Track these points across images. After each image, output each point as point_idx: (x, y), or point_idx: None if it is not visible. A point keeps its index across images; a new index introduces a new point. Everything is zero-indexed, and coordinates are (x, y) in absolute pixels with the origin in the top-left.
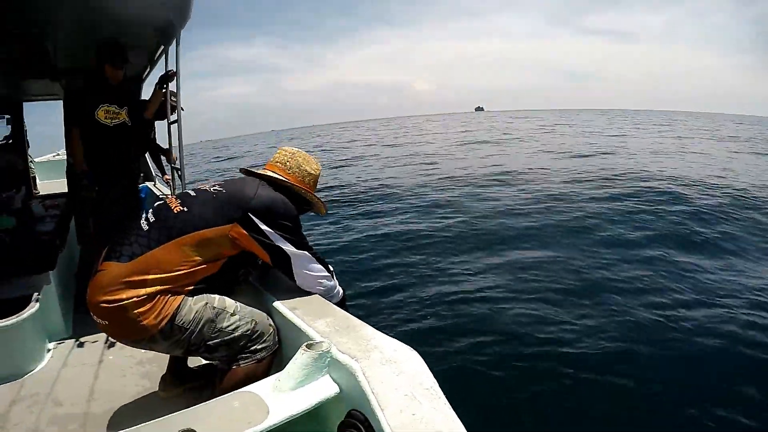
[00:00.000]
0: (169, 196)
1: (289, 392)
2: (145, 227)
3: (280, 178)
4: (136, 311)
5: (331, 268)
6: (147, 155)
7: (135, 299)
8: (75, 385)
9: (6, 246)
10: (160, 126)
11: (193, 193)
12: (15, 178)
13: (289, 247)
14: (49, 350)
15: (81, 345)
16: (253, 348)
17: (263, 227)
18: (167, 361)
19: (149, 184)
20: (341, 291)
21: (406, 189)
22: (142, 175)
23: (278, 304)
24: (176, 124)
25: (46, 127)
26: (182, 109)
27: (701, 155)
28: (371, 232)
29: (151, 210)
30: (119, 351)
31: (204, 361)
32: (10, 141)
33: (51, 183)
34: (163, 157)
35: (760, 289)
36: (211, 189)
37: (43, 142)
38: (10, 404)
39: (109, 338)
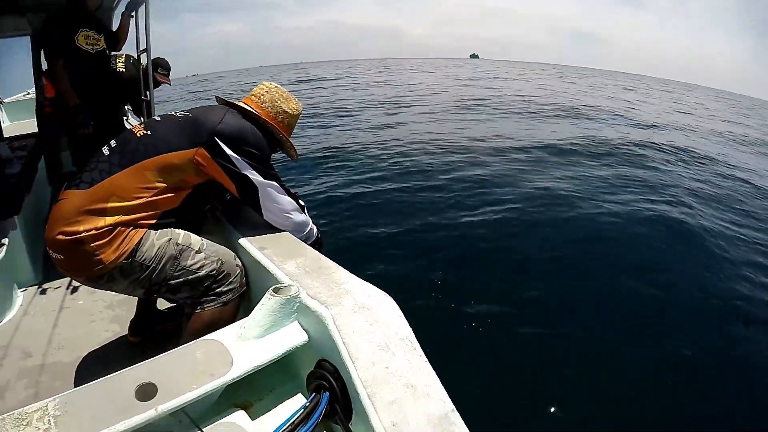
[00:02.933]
0: (135, 124)
1: (254, 340)
2: (107, 152)
3: (251, 109)
4: (93, 244)
5: (303, 203)
6: None
7: (93, 231)
8: (44, 334)
9: None
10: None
11: (158, 118)
12: None
13: (255, 176)
14: (18, 298)
15: (51, 291)
16: (218, 290)
17: (229, 152)
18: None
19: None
20: (316, 230)
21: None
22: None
23: (245, 242)
24: (145, 52)
25: (15, 65)
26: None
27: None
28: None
29: (115, 138)
30: (88, 295)
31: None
32: None
33: (21, 124)
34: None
35: None
36: (178, 114)
37: (12, 81)
38: None
39: (76, 282)
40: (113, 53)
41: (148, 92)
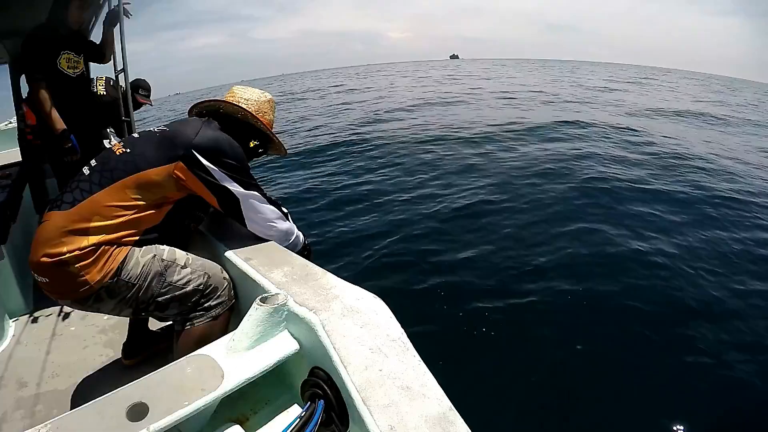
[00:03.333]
0: (114, 143)
1: (244, 352)
2: (87, 172)
3: (242, 107)
4: (77, 265)
5: (285, 210)
6: None
7: (77, 252)
8: (38, 362)
9: None
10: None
11: (137, 135)
12: None
13: (236, 187)
14: (10, 328)
15: (43, 319)
16: (207, 304)
17: (207, 164)
18: None
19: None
20: (302, 237)
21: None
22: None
23: (231, 255)
24: (123, 73)
25: None
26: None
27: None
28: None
29: (95, 157)
30: (80, 321)
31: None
32: None
33: (4, 154)
34: None
35: None
36: (156, 130)
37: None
38: None
39: (68, 309)
40: (93, 76)
41: (128, 113)
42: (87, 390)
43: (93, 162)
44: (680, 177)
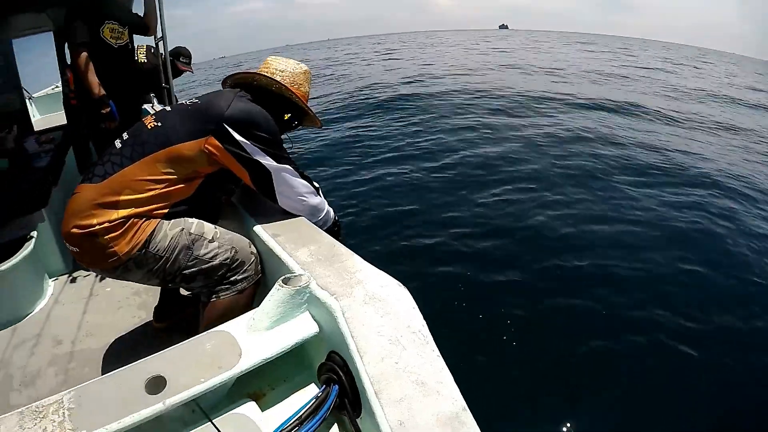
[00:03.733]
0: (148, 116)
1: (264, 332)
2: (119, 145)
3: (276, 81)
4: (106, 237)
5: (317, 185)
6: None
7: (107, 224)
8: (74, 321)
9: None
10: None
11: (169, 109)
12: (5, 118)
13: (268, 161)
14: (49, 288)
15: (81, 279)
16: (233, 278)
17: (239, 138)
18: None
19: (147, 106)
20: (332, 214)
21: None
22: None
23: (260, 230)
24: (162, 41)
25: (43, 59)
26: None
27: None
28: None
29: (127, 131)
30: (116, 282)
31: None
32: (1, 81)
33: (51, 117)
34: None
35: None
36: (188, 102)
37: (38, 75)
38: (14, 347)
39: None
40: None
41: (168, 80)
42: (118, 351)
43: (125, 135)
44: None
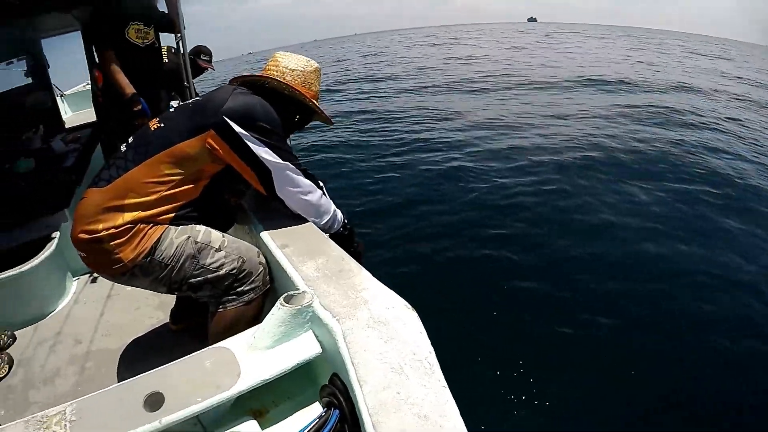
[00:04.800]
0: (153, 119)
1: (264, 351)
2: (124, 149)
3: (280, 81)
4: (112, 243)
5: (322, 185)
6: None
7: (112, 230)
8: (93, 321)
9: (23, 191)
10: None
11: (172, 110)
12: (35, 116)
13: (270, 156)
14: (72, 287)
15: (101, 279)
16: (240, 289)
17: (238, 129)
18: None
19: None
20: (340, 216)
21: None
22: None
23: (267, 238)
24: (182, 39)
25: (75, 57)
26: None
27: None
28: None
29: (133, 134)
30: None
31: None
32: (31, 80)
33: (82, 113)
34: None
35: None
36: (190, 102)
37: (72, 74)
38: (36, 345)
39: None
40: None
41: (188, 79)
42: (135, 351)
43: (130, 139)
44: None
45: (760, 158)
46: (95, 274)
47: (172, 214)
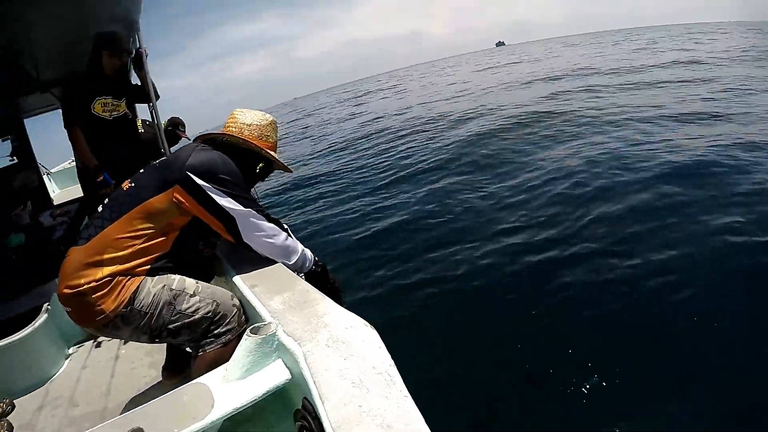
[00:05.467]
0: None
1: (236, 382)
2: (101, 209)
3: (238, 137)
4: (94, 296)
5: (287, 227)
6: None
7: (93, 283)
8: (91, 384)
9: (15, 264)
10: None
11: (142, 171)
12: (23, 194)
13: (233, 205)
14: (68, 354)
15: (98, 345)
16: (216, 331)
17: (201, 182)
18: None
19: None
20: (310, 254)
21: None
22: None
23: (238, 280)
24: (154, 109)
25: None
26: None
27: None
28: None
29: (109, 195)
30: (130, 344)
31: None
32: (16, 160)
33: (69, 190)
34: None
35: None
36: (157, 162)
37: (55, 152)
38: (36, 410)
39: None
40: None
41: (165, 147)
42: (132, 409)
43: (107, 200)
44: None
45: None
46: (89, 340)
47: (148, 266)
